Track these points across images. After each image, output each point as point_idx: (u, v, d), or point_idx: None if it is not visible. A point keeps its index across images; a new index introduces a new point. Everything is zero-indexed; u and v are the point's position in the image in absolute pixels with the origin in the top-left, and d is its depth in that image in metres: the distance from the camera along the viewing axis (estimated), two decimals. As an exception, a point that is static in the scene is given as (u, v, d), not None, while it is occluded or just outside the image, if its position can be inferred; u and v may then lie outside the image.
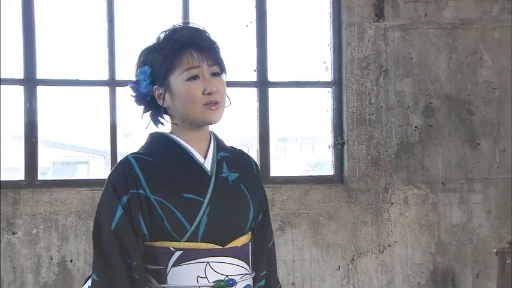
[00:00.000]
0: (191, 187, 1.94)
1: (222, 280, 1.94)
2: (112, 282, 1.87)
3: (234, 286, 1.96)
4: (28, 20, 4.30)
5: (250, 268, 2.04)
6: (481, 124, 4.64)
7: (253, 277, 2.05)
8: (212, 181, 1.97)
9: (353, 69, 4.52)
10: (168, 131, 2.04)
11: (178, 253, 1.91)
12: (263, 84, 4.57)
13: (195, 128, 1.99)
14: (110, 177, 1.95)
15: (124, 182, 1.91)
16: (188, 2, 4.46)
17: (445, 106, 4.61)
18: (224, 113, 1.99)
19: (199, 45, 1.95)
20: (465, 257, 4.61)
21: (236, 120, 4.44)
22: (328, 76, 4.66)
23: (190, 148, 1.99)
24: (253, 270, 2.05)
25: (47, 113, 4.39)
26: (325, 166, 4.76)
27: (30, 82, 4.30)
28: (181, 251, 1.91)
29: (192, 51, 1.94)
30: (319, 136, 4.87)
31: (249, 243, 2.04)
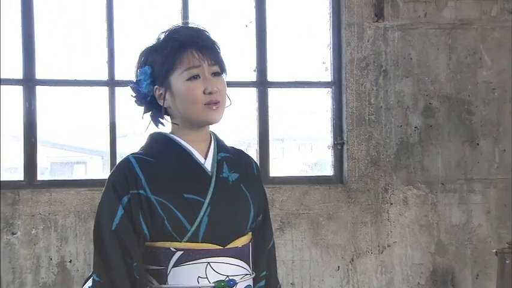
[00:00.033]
0: (192, 187, 1.94)
1: (223, 280, 1.94)
2: (113, 282, 1.86)
3: (235, 286, 1.96)
4: (27, 20, 4.29)
5: (250, 268, 2.03)
6: (481, 124, 4.64)
7: (253, 277, 2.05)
8: (213, 181, 1.97)
9: (352, 69, 4.52)
10: (168, 131, 2.03)
11: (178, 253, 1.91)
12: (263, 84, 4.57)
13: (196, 128, 1.99)
14: (111, 177, 1.94)
15: (125, 182, 1.90)
16: (187, 2, 4.46)
17: (445, 106, 4.61)
18: (224, 113, 1.99)
19: (199, 44, 1.95)
20: (465, 257, 4.60)
21: (235, 120, 4.43)
22: (327, 76, 4.65)
23: (190, 148, 1.98)
24: (253, 270, 2.05)
25: (46, 113, 4.38)
26: (324, 166, 4.76)
27: (29, 82, 4.29)
28: (181, 252, 1.91)
29: (193, 50, 1.94)
30: (318, 136, 4.87)
31: (250, 243, 2.03)
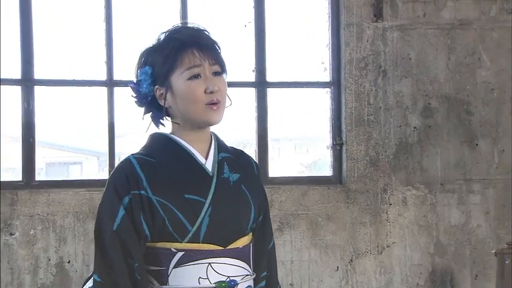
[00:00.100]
0: (192, 188, 1.93)
1: (224, 281, 1.94)
2: (114, 283, 1.86)
3: (236, 287, 1.96)
4: (26, 20, 4.28)
5: (251, 269, 2.03)
6: (480, 125, 4.63)
7: (253, 278, 2.05)
8: (213, 182, 1.96)
9: (351, 69, 4.52)
10: (169, 132, 2.03)
11: (179, 254, 1.90)
12: (261, 84, 4.56)
13: (196, 129, 1.98)
14: (112, 177, 1.94)
15: (125, 183, 1.90)
16: (186, 2, 4.44)
17: (444, 107, 4.61)
18: (224, 114, 1.98)
19: (200, 44, 1.95)
20: (464, 258, 4.60)
21: (234, 120, 4.42)
22: (326, 76, 4.65)
23: (191, 149, 1.98)
24: (253, 271, 2.05)
25: (44, 114, 4.37)
26: (323, 167, 4.75)
27: (27, 82, 4.28)
28: (182, 252, 1.91)
29: (194, 50, 1.94)
30: (317, 136, 4.86)
31: (250, 244, 2.03)
